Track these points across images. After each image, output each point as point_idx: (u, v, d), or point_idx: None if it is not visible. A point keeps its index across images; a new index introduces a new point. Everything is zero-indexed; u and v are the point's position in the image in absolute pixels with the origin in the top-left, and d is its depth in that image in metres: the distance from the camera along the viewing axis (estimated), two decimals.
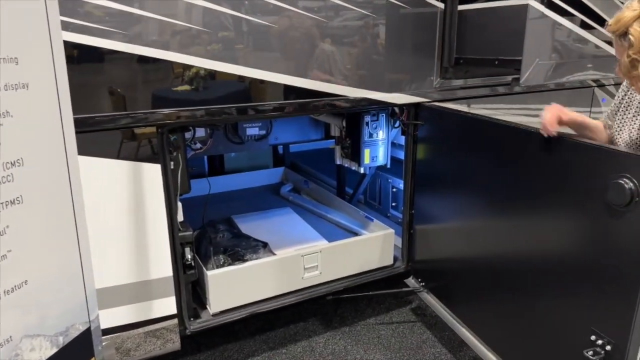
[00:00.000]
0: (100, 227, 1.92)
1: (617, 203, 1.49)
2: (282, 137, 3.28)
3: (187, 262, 2.25)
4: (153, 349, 2.16)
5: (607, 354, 1.58)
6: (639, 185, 1.43)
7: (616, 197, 1.49)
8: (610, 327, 1.58)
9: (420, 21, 2.45)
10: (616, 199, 1.49)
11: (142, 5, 1.82)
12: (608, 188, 1.51)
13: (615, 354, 1.56)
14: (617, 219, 1.51)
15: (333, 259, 2.63)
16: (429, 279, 2.68)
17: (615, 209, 1.50)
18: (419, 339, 2.69)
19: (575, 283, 1.70)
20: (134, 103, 1.91)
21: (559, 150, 1.72)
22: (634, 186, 1.44)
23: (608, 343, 1.58)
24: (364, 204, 3.67)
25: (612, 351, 1.57)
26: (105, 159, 1.90)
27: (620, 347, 1.54)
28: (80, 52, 1.76)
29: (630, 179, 1.45)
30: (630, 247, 1.48)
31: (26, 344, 1.30)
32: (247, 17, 2.02)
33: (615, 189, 1.49)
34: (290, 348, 2.63)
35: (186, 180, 2.23)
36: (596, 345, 1.61)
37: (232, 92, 2.09)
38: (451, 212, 2.43)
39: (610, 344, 1.57)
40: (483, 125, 2.13)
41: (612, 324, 1.57)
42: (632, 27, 1.35)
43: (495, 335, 2.17)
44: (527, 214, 1.92)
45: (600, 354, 1.59)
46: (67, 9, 1.68)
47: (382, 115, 2.90)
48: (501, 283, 2.09)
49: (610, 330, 1.58)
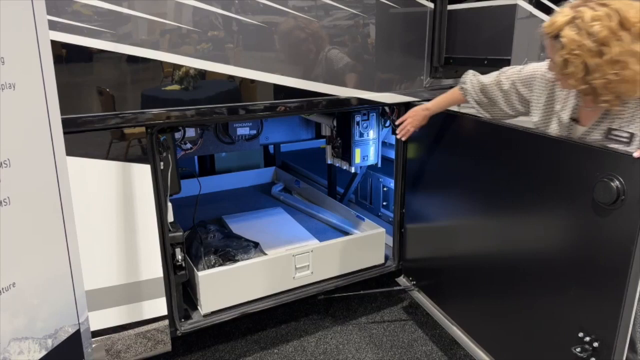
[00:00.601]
0: (90, 229, 1.90)
1: (604, 201, 1.51)
2: (273, 136, 3.28)
3: (178, 262, 2.24)
4: (144, 351, 2.15)
5: (594, 350, 1.60)
6: (625, 183, 1.45)
7: (603, 196, 1.50)
8: (598, 324, 1.60)
9: (410, 21, 2.46)
10: (603, 198, 1.51)
11: (131, 4, 1.81)
12: (595, 187, 1.53)
13: (603, 350, 1.58)
14: (604, 217, 1.53)
15: (324, 258, 2.63)
16: (420, 277, 2.69)
17: (602, 207, 1.52)
18: (410, 338, 2.71)
19: (563, 281, 1.72)
20: (123, 103, 1.90)
21: (547, 149, 1.74)
22: (620, 185, 1.46)
23: (596, 339, 1.60)
24: (355, 204, 3.68)
25: (600, 347, 1.59)
26: (94, 159, 1.88)
27: (607, 343, 1.56)
28: (68, 51, 1.74)
29: (617, 177, 1.47)
30: (617, 245, 1.50)
31: (14, 347, 1.29)
32: (236, 16, 2.01)
33: (602, 188, 1.50)
34: (282, 348, 2.63)
35: (176, 180, 2.22)
36: (584, 342, 1.63)
37: (223, 91, 2.08)
38: (442, 211, 2.44)
39: (597, 340, 1.59)
40: (473, 124, 2.14)
41: (600, 321, 1.59)
42: (564, 31, 1.48)
43: (486, 333, 2.18)
44: (516, 213, 1.94)
45: (588, 350, 1.61)
46: (55, 8, 1.66)
47: (373, 114, 2.90)
48: (491, 281, 2.10)
49: (598, 327, 1.60)
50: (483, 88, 2.01)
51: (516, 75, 1.90)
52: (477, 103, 2.06)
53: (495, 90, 1.97)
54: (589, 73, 1.48)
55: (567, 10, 1.50)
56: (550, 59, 1.60)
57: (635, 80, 1.45)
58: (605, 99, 1.51)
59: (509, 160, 1.93)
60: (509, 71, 1.94)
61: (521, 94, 1.89)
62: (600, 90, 1.50)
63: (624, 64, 1.43)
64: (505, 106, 1.97)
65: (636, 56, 1.43)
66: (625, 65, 1.43)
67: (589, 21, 1.44)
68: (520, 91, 1.89)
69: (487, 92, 2.00)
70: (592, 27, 1.43)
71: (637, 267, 1.46)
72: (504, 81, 1.93)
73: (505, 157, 1.95)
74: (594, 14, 1.44)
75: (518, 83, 1.89)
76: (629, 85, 1.46)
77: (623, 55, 1.42)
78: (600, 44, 1.43)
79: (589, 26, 1.44)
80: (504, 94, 1.95)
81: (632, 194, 1.43)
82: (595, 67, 1.45)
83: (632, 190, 1.43)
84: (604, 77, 1.45)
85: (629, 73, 1.43)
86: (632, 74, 1.43)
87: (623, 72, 1.43)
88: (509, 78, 1.92)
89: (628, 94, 1.49)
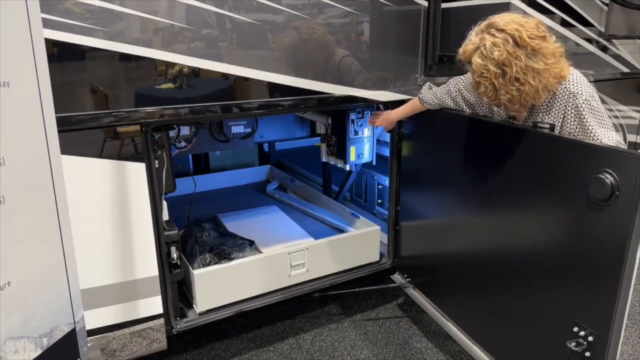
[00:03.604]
0: (85, 227, 1.90)
1: (598, 197, 1.52)
2: (268, 135, 3.27)
3: (173, 261, 2.23)
4: (139, 349, 2.15)
5: (589, 344, 1.62)
6: (619, 180, 1.47)
7: (597, 192, 1.52)
8: (592, 318, 1.61)
9: (404, 19, 2.46)
10: (597, 194, 1.52)
11: (123, 2, 1.80)
12: (589, 183, 1.54)
13: (598, 345, 1.60)
14: (598, 213, 1.54)
15: (319, 256, 2.63)
16: (414, 274, 2.70)
17: (596, 203, 1.54)
18: (405, 334, 2.72)
19: (557, 276, 1.73)
20: (117, 101, 1.89)
21: (542, 146, 1.75)
22: (614, 181, 1.48)
23: (590, 334, 1.61)
24: (350, 201, 3.68)
25: (595, 342, 1.60)
26: (89, 158, 1.88)
27: (602, 337, 1.58)
28: (62, 49, 1.73)
29: (611, 173, 1.48)
30: (611, 240, 1.51)
31: (10, 346, 1.29)
32: (230, 14, 2.01)
33: (596, 184, 1.52)
34: (278, 346, 2.63)
35: (171, 179, 2.22)
36: (579, 336, 1.64)
37: (217, 89, 2.08)
38: (436, 209, 2.45)
39: (592, 334, 1.61)
40: (467, 121, 2.15)
41: (594, 315, 1.61)
42: (473, 58, 1.72)
43: (481, 328, 2.20)
44: (510, 210, 1.95)
45: (582, 344, 1.63)
46: (47, 6, 1.65)
47: (368, 112, 2.91)
48: (486, 277, 2.12)
49: (592, 322, 1.61)
50: (436, 96, 2.26)
51: (462, 83, 2.17)
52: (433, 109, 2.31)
53: (446, 97, 2.23)
54: (496, 91, 1.71)
55: (474, 38, 1.74)
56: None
57: (535, 92, 1.69)
58: (512, 108, 1.81)
59: (503, 157, 1.94)
60: (456, 80, 2.21)
61: (466, 99, 2.16)
62: (507, 104, 1.75)
63: (523, 80, 1.66)
64: (455, 109, 2.23)
65: (532, 72, 1.66)
66: (525, 82, 1.66)
67: (490, 48, 1.67)
68: (465, 96, 2.16)
69: (440, 100, 2.25)
70: (493, 53, 1.66)
71: (631, 262, 1.48)
72: (452, 89, 2.20)
73: (499, 154, 1.96)
74: (494, 41, 1.67)
75: (463, 89, 2.16)
76: (530, 97, 1.71)
77: (520, 72, 1.65)
78: (501, 65, 1.66)
79: (490, 52, 1.67)
80: (453, 99, 2.21)
81: (626, 190, 1.45)
82: (499, 86, 1.69)
83: (626, 186, 1.45)
84: (509, 94, 1.69)
85: (527, 88, 1.67)
86: (530, 88, 1.67)
87: (523, 88, 1.67)
88: (457, 85, 2.19)
89: (533, 102, 1.76)
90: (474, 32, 1.77)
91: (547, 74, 1.69)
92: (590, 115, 1.72)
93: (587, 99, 1.72)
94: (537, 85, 1.68)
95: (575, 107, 1.73)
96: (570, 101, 1.74)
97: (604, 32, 3.00)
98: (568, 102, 1.74)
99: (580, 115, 1.72)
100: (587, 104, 1.72)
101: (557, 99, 1.77)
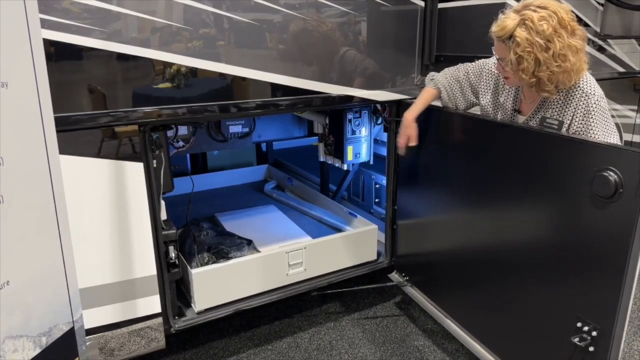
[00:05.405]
0: (83, 227, 1.90)
1: (602, 195, 1.54)
2: (266, 134, 3.28)
3: (171, 260, 2.24)
4: (137, 349, 2.16)
5: (593, 339, 1.63)
6: (622, 177, 1.49)
7: (601, 189, 1.54)
8: (596, 313, 1.63)
9: (401, 19, 2.47)
10: (601, 191, 1.54)
11: (122, 2, 1.81)
12: (593, 180, 1.56)
13: (601, 340, 1.61)
14: (602, 210, 1.56)
15: (317, 255, 2.64)
16: (412, 273, 2.71)
17: (600, 200, 1.56)
18: (403, 332, 2.73)
19: (560, 272, 1.74)
20: (115, 101, 1.90)
21: (545, 144, 1.76)
22: (618, 178, 1.50)
23: (594, 329, 1.63)
24: (347, 201, 3.69)
25: (598, 337, 1.62)
26: (87, 157, 1.88)
27: (605, 332, 1.60)
28: (60, 50, 1.74)
29: (615, 171, 1.51)
30: (614, 237, 1.54)
31: (9, 345, 1.29)
32: (227, 14, 2.02)
33: (600, 181, 1.54)
34: (276, 344, 2.64)
35: (169, 178, 2.22)
36: (582, 331, 1.66)
37: (214, 89, 2.09)
38: (434, 207, 2.46)
39: (596, 329, 1.63)
40: (464, 121, 2.16)
41: (598, 310, 1.63)
42: (516, 32, 1.72)
43: (481, 325, 2.20)
44: (512, 207, 1.96)
45: (586, 339, 1.65)
46: (44, 6, 1.65)
47: (365, 112, 2.92)
48: (486, 274, 2.12)
49: (596, 317, 1.63)
50: (446, 78, 2.26)
51: (471, 67, 2.20)
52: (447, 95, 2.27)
53: (454, 82, 2.24)
54: (538, 66, 1.72)
55: (514, 15, 1.74)
56: (499, 59, 1.84)
57: (572, 70, 1.72)
58: (547, 89, 1.77)
59: (506, 156, 1.95)
60: (464, 64, 2.23)
61: (472, 83, 2.18)
62: (545, 81, 1.74)
63: (565, 56, 1.69)
64: (460, 96, 2.23)
65: (572, 49, 1.71)
66: (565, 58, 1.70)
67: (537, 22, 1.68)
68: (471, 80, 2.18)
69: (449, 82, 2.25)
70: (540, 27, 1.68)
71: (634, 258, 1.50)
72: (460, 72, 2.22)
73: (502, 153, 1.97)
74: (539, 15, 1.69)
75: (470, 72, 2.18)
76: (567, 75, 1.73)
77: (563, 49, 1.69)
78: (547, 40, 1.68)
79: (538, 26, 1.68)
80: (459, 84, 2.22)
81: (630, 187, 1.47)
82: (544, 61, 1.70)
83: (629, 183, 1.47)
84: (549, 70, 1.71)
85: (568, 65, 1.70)
86: (570, 65, 1.70)
87: (564, 64, 1.70)
88: (466, 68, 2.21)
89: (565, 83, 1.76)
90: (509, 11, 1.78)
91: (582, 55, 1.74)
92: (598, 117, 1.76)
93: (598, 100, 1.76)
94: (575, 63, 1.71)
95: (586, 106, 1.77)
96: (582, 100, 1.77)
97: (600, 32, 3.02)
98: (580, 102, 1.78)
99: (588, 115, 1.76)
100: (597, 105, 1.76)
101: (571, 97, 1.80)
